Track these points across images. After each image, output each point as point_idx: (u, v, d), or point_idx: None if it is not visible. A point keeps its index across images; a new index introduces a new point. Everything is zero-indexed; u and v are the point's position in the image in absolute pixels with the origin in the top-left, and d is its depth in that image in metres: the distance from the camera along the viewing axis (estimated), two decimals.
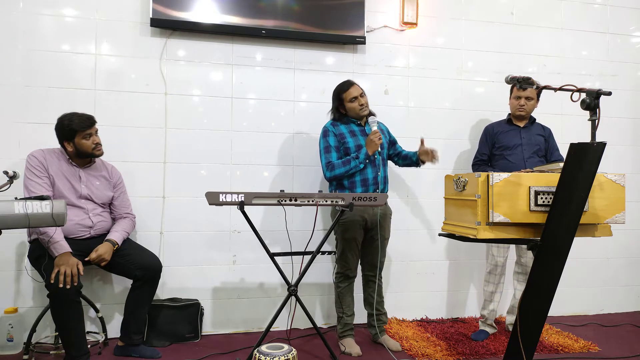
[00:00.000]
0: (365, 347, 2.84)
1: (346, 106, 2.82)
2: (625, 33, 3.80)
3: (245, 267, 3.17)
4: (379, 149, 2.72)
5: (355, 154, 2.74)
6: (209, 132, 3.14)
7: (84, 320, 2.50)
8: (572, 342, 2.95)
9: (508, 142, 3.08)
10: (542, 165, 3.03)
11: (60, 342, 2.63)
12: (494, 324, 3.13)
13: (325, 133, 2.84)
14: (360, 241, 2.82)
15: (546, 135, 3.13)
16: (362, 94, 2.81)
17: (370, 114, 2.83)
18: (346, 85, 2.82)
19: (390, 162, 3.04)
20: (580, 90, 1.86)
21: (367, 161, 2.74)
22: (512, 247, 3.20)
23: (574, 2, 3.71)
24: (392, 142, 3.00)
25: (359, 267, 2.95)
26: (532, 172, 2.14)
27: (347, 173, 2.74)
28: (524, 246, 3.04)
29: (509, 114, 3.17)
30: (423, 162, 2.88)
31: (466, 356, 2.73)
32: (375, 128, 2.72)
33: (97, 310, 2.81)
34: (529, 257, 3.04)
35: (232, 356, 2.70)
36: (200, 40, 3.12)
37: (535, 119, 3.15)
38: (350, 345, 2.77)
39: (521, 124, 3.12)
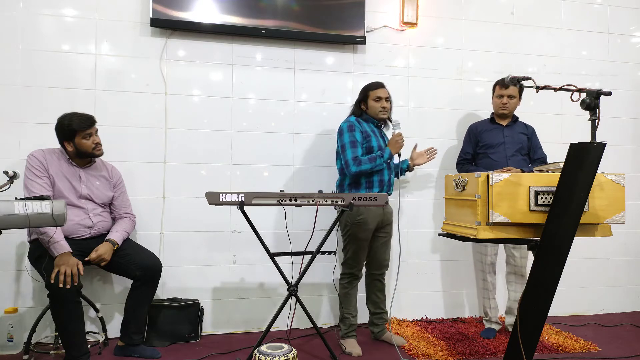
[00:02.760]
0: (366, 347, 2.84)
1: (368, 103, 2.85)
2: (625, 33, 3.80)
3: (245, 267, 3.17)
4: (400, 152, 2.79)
5: (380, 152, 2.76)
6: (209, 132, 3.14)
7: (84, 320, 2.50)
8: (572, 342, 2.95)
9: (491, 141, 3.11)
10: (525, 163, 3.07)
11: (60, 342, 2.62)
12: (499, 321, 3.17)
13: (351, 127, 2.77)
14: (369, 242, 2.84)
15: (529, 133, 3.16)
16: (388, 99, 2.86)
17: (390, 120, 2.90)
18: (376, 84, 2.88)
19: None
20: (580, 90, 1.87)
21: (389, 161, 2.79)
22: (501, 247, 3.22)
23: (574, 2, 3.71)
24: None
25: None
26: (531, 172, 2.14)
27: (371, 170, 2.74)
28: (515, 247, 3.05)
29: (492, 113, 3.20)
30: (411, 170, 2.97)
31: (466, 356, 2.73)
32: (400, 130, 2.78)
33: (97, 310, 2.81)
34: (517, 256, 3.06)
35: (232, 356, 2.70)
36: (200, 40, 3.12)
37: (517, 118, 3.18)
38: (352, 346, 2.77)
39: (504, 123, 3.15)
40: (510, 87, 3.04)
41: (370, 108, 2.85)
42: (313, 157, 3.27)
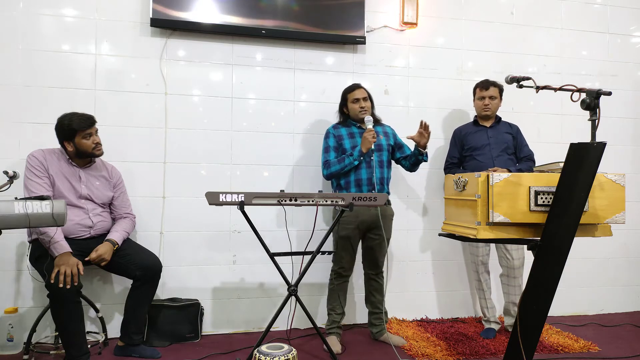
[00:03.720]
0: (365, 347, 2.84)
1: (348, 106, 2.92)
2: (625, 33, 3.80)
3: (245, 267, 3.17)
4: (372, 147, 2.74)
5: (350, 151, 2.81)
6: (209, 132, 3.14)
7: (84, 320, 2.50)
8: (572, 342, 2.95)
9: (476, 143, 3.12)
10: (512, 162, 3.08)
11: (60, 342, 2.62)
12: (498, 320, 3.17)
13: (326, 135, 2.95)
14: (356, 241, 2.85)
15: (514, 132, 3.16)
16: (366, 99, 2.88)
17: (374, 117, 2.86)
18: (352, 87, 2.93)
19: (402, 168, 3.06)
20: (580, 90, 1.87)
21: (362, 158, 2.78)
22: (493, 249, 3.22)
23: (574, 2, 3.71)
24: (399, 146, 3.02)
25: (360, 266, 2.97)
26: (518, 171, 2.14)
27: (342, 170, 2.80)
28: (507, 249, 3.05)
29: (475, 115, 3.21)
30: (424, 149, 2.83)
31: (466, 356, 2.73)
32: (370, 127, 2.75)
33: (97, 310, 2.81)
34: (509, 258, 3.05)
35: (232, 356, 2.70)
36: (200, 40, 3.12)
37: (500, 118, 3.19)
38: (332, 343, 2.77)
39: (487, 124, 3.16)
40: (490, 88, 3.08)
41: (350, 110, 2.92)
42: (313, 157, 3.27)
